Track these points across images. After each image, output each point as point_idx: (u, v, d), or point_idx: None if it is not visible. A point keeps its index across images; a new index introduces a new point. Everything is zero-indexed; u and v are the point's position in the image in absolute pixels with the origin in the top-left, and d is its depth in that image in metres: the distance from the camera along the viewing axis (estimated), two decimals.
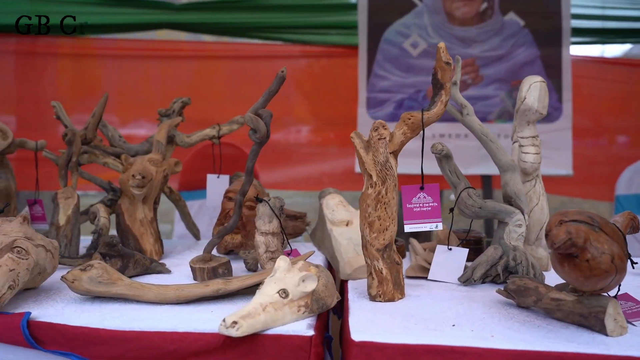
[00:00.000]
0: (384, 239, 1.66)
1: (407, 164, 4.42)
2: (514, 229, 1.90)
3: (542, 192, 2.09)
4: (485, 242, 2.30)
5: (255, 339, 1.34)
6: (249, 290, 1.65)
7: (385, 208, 1.66)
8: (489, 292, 1.78)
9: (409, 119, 1.69)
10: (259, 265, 1.98)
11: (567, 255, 1.37)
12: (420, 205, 1.78)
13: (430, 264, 2.00)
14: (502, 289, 1.65)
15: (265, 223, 1.78)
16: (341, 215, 2.24)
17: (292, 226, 2.46)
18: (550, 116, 4.36)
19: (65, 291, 1.70)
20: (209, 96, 4.41)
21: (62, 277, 1.58)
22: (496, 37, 4.39)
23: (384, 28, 4.39)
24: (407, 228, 1.78)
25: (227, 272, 1.83)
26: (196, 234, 2.54)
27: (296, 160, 4.58)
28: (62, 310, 1.52)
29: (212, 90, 4.45)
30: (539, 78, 2.06)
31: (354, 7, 4.41)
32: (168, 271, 1.95)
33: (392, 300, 1.67)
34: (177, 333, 1.36)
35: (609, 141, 4.47)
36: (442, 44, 1.68)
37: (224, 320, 1.31)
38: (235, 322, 1.30)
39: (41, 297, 1.65)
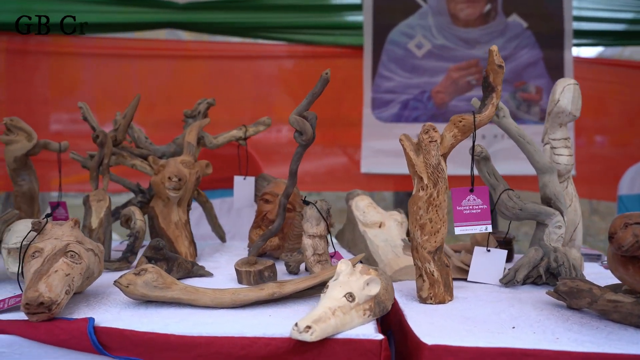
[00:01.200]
0: (435, 242, 1.66)
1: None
2: (554, 230, 1.92)
3: (574, 194, 2.11)
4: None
5: (325, 343, 1.33)
6: (302, 294, 1.64)
7: (436, 210, 1.66)
8: (534, 294, 1.79)
9: (460, 122, 1.69)
10: (300, 268, 1.97)
11: (631, 258, 1.39)
12: (470, 207, 1.79)
13: (467, 265, 2.00)
14: (552, 290, 1.66)
15: (312, 226, 1.78)
16: (373, 217, 2.24)
17: None
18: None
19: (113, 295, 1.68)
20: (189, 96, 4.32)
21: (116, 282, 1.56)
22: (500, 39, 4.42)
23: (388, 29, 4.40)
24: (458, 230, 1.78)
25: (273, 275, 1.82)
26: (222, 236, 2.53)
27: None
28: (118, 315, 1.50)
29: (191, 90, 4.36)
30: (572, 80, 2.08)
31: (358, 7, 4.41)
32: (210, 274, 1.93)
33: (442, 302, 1.68)
34: (247, 338, 1.34)
35: (610, 142, 4.52)
36: (494, 47, 1.69)
37: (296, 324, 1.30)
38: (309, 327, 1.29)
39: (91, 302, 1.62)
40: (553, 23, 4.41)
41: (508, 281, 1.87)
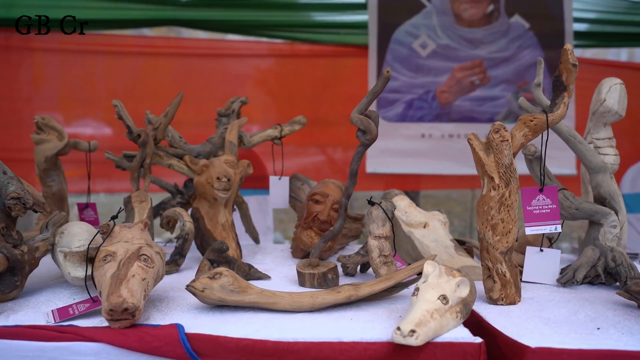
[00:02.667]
0: (507, 242, 1.65)
1: (407, 164, 4.47)
2: (609, 230, 1.92)
3: (619, 193, 2.11)
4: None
5: (425, 347, 1.31)
6: (374, 296, 1.61)
7: (508, 211, 1.64)
8: (596, 293, 1.79)
9: (531, 121, 1.68)
10: (357, 269, 1.94)
11: None
12: (540, 207, 1.78)
13: (518, 265, 1.99)
14: (622, 290, 1.66)
15: (379, 227, 1.75)
16: (416, 217, 2.22)
17: (355, 228, 2.43)
18: None
19: (178, 300, 1.63)
20: (156, 94, 4.22)
21: (190, 286, 1.51)
22: (502, 39, 4.45)
23: (393, 28, 4.39)
24: (529, 231, 1.77)
25: (336, 277, 1.79)
26: (256, 238, 2.48)
27: (308, 159, 4.53)
28: (195, 320, 1.44)
29: (158, 88, 4.28)
30: (618, 80, 2.09)
31: (363, 6, 4.39)
32: (267, 277, 1.88)
33: (513, 303, 1.66)
34: (345, 343, 1.31)
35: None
36: (569, 46, 1.68)
37: (398, 328, 1.27)
38: (413, 331, 1.26)
39: (159, 306, 1.57)
40: (554, 24, 4.45)
41: (567, 281, 1.86)
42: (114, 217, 1.58)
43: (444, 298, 1.38)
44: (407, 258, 2.16)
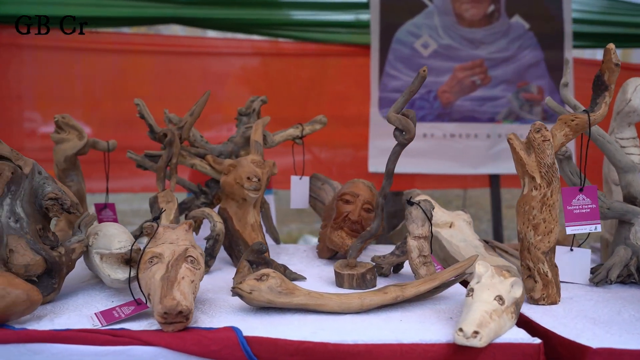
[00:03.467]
0: (549, 242, 1.65)
1: (409, 164, 4.46)
2: None
3: None
4: None
5: (485, 348, 1.30)
6: (419, 297, 1.60)
7: (550, 210, 1.64)
8: (631, 292, 1.81)
9: (573, 121, 1.68)
10: (391, 270, 1.92)
11: None
12: (580, 207, 1.78)
13: None
14: None
15: (418, 227, 1.74)
16: (442, 217, 2.21)
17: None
18: (554, 117, 4.47)
19: (220, 302, 1.61)
20: (135, 94, 4.13)
21: (236, 288, 1.48)
22: (503, 39, 4.46)
23: (395, 28, 4.38)
24: (569, 230, 1.77)
25: (374, 277, 1.78)
26: (277, 238, 2.45)
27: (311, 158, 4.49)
28: (243, 322, 1.42)
29: (137, 88, 4.16)
30: None
31: (365, 6, 4.38)
32: (303, 278, 1.86)
33: (554, 303, 1.67)
34: (405, 345, 1.30)
35: None
36: (611, 45, 1.68)
37: (461, 330, 1.26)
38: (476, 332, 1.25)
39: (205, 308, 1.54)
40: (553, 25, 4.48)
41: (600, 280, 1.87)
42: (156, 219, 1.55)
43: (500, 299, 1.37)
44: (436, 257, 2.15)
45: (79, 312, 1.50)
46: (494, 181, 4.52)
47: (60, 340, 1.26)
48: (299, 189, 2.39)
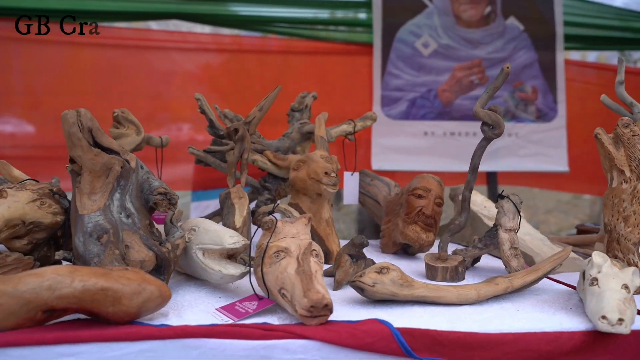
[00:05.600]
0: (639, 233, 1.71)
1: (410, 161, 4.52)
2: None
3: None
4: None
5: (624, 335, 1.34)
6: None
7: (639, 203, 1.70)
8: None
9: None
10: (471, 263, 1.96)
11: None
12: None
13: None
14: None
15: (510, 220, 1.78)
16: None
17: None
18: (547, 116, 4.62)
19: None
20: (78, 90, 4.01)
21: (358, 281, 1.49)
22: (499, 40, 4.57)
23: (397, 27, 4.43)
24: None
25: (464, 270, 1.81)
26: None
27: None
28: (372, 314, 1.42)
29: (81, 83, 4.01)
30: None
31: (367, 5, 4.41)
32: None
33: (638, 293, 1.72)
34: (549, 333, 1.33)
35: None
36: None
37: (604, 317, 1.30)
38: (621, 319, 1.29)
39: None
40: (546, 27, 4.62)
41: None
42: (271, 212, 1.54)
43: (626, 287, 1.42)
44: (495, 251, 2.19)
45: (196, 308, 1.47)
46: (492, 178, 4.63)
47: (216, 335, 1.24)
48: (350, 185, 2.39)
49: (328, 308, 1.31)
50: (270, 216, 1.50)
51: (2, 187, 1.52)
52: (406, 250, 2.20)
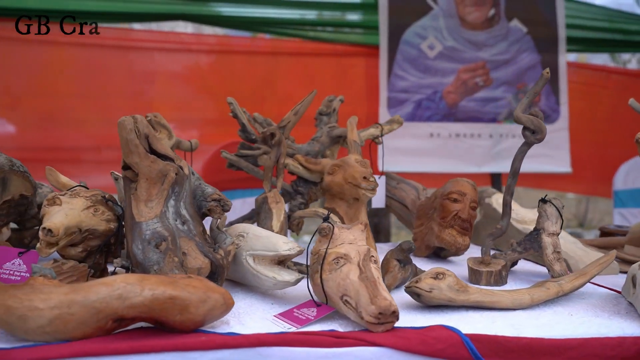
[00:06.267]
0: None
1: (417, 163, 4.55)
2: None
3: None
4: None
5: None
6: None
7: None
8: None
9: None
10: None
11: None
12: None
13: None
14: None
15: (552, 224, 1.79)
16: (527, 214, 2.29)
17: None
18: (550, 118, 4.66)
19: None
20: (58, 90, 3.91)
21: (414, 287, 1.49)
22: (503, 42, 4.61)
23: (403, 29, 4.45)
24: None
25: (506, 274, 1.82)
26: None
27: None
28: (431, 320, 1.43)
29: (61, 84, 3.92)
30: None
31: (373, 6, 4.42)
32: None
33: None
34: (612, 338, 1.34)
35: (603, 140, 4.83)
36: None
37: None
38: None
39: None
40: (549, 29, 4.66)
41: None
42: (326, 219, 1.53)
43: None
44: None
45: (254, 315, 1.47)
46: (496, 180, 4.66)
47: (289, 343, 1.24)
48: (378, 188, 2.39)
49: (395, 315, 1.31)
50: (327, 223, 1.50)
51: (55, 195, 1.51)
52: (438, 254, 2.21)
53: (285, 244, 1.56)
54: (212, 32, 4.60)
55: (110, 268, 1.60)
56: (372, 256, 1.46)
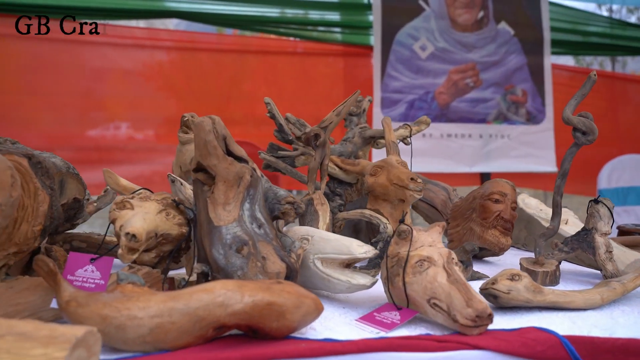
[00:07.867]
0: None
1: (408, 163, 4.56)
2: None
3: None
4: None
5: None
6: None
7: None
8: None
9: None
10: None
11: None
12: None
13: None
14: None
15: (605, 224, 1.82)
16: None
17: None
18: (536, 118, 4.75)
19: None
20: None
21: (492, 289, 1.49)
22: (492, 44, 4.68)
23: (396, 30, 4.47)
24: None
25: (559, 274, 1.84)
26: None
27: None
28: (506, 321, 1.43)
29: (5, 80, 3.84)
30: None
31: (367, 7, 4.43)
32: (487, 277, 1.88)
33: None
34: None
35: None
36: None
37: None
38: None
39: None
40: (535, 32, 4.75)
41: None
42: (401, 220, 1.52)
43: None
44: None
45: (334, 320, 1.44)
46: (486, 179, 4.72)
47: (395, 349, 1.22)
48: None
49: (490, 317, 1.31)
50: (405, 225, 1.49)
51: (125, 198, 1.45)
52: (475, 254, 2.21)
53: (359, 247, 1.54)
54: (175, 27, 4.47)
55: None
56: (454, 258, 1.45)
